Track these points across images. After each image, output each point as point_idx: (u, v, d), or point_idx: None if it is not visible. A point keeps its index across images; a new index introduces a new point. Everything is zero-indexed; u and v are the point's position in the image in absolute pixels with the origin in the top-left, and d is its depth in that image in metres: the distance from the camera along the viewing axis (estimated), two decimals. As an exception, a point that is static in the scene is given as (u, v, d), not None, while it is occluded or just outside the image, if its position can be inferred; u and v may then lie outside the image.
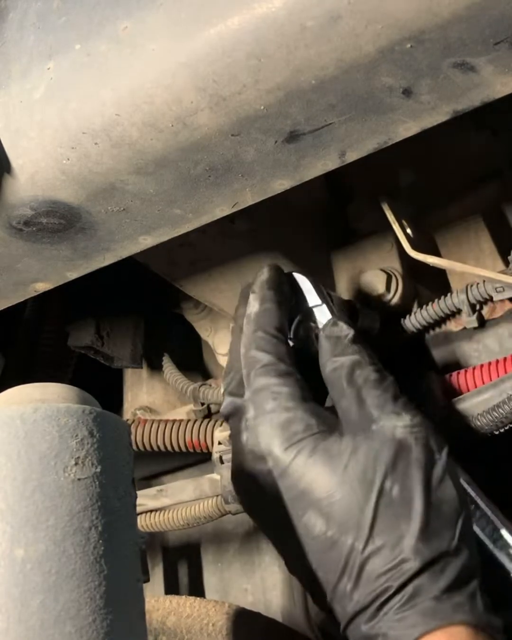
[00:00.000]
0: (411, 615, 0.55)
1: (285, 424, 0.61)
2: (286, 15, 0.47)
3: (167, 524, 0.88)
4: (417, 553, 0.56)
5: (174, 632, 0.73)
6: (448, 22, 0.46)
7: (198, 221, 0.61)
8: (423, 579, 0.56)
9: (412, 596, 0.56)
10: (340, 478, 0.58)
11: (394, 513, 0.58)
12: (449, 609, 0.55)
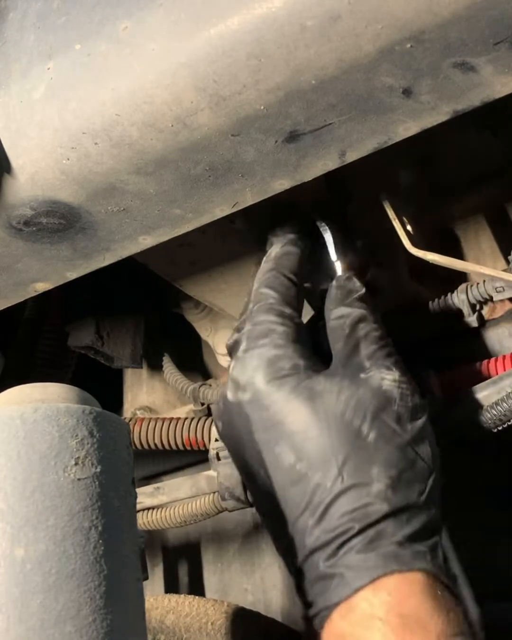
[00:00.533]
0: (371, 557, 0.55)
1: (272, 359, 0.62)
2: (286, 15, 0.47)
3: (164, 522, 0.88)
4: (385, 499, 0.57)
5: (173, 631, 0.72)
6: (448, 22, 0.46)
7: (198, 221, 0.61)
8: (387, 525, 0.56)
9: (374, 539, 0.56)
10: (318, 416, 0.59)
11: (368, 458, 0.58)
12: (409, 555, 0.55)
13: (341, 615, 0.56)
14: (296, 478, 0.59)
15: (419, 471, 0.59)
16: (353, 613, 0.55)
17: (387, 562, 0.55)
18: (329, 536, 0.57)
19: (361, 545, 0.56)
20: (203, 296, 0.90)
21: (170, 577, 1.15)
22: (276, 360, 0.62)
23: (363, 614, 0.54)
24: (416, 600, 0.54)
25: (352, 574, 0.56)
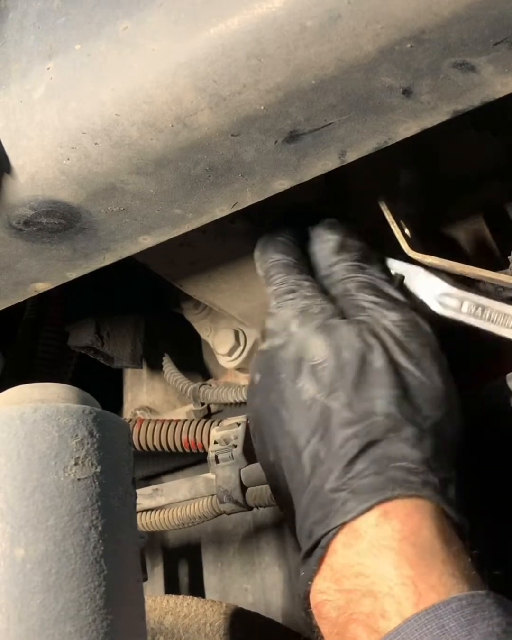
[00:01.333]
0: (379, 479, 0.55)
1: (304, 308, 0.66)
2: (286, 15, 0.47)
3: (162, 524, 0.88)
4: (388, 415, 0.58)
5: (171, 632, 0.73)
6: (448, 22, 0.46)
7: (198, 221, 0.61)
8: (395, 446, 0.56)
9: (382, 462, 0.56)
10: (335, 349, 0.62)
11: (374, 382, 0.60)
12: (419, 482, 0.55)
13: (345, 544, 0.54)
14: (314, 408, 0.60)
15: (430, 399, 0.60)
16: (361, 540, 0.53)
17: (396, 485, 0.54)
18: (335, 458, 0.57)
19: (368, 470, 0.55)
20: (203, 296, 0.90)
21: (170, 577, 1.15)
22: (306, 308, 0.66)
23: (372, 542, 0.53)
24: (427, 531, 0.53)
25: (357, 496, 0.54)
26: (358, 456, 0.56)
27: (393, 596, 0.50)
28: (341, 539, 0.54)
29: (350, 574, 0.53)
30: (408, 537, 0.52)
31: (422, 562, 0.51)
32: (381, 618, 0.50)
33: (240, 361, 0.98)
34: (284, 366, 0.64)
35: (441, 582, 0.50)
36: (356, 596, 0.52)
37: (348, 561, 0.53)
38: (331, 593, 0.54)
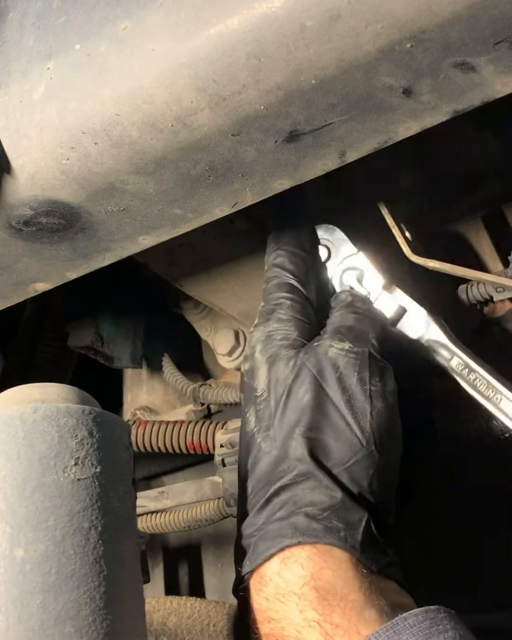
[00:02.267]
0: (283, 526, 0.56)
1: (270, 333, 0.66)
2: (286, 15, 0.47)
3: (168, 526, 0.88)
4: (300, 460, 0.58)
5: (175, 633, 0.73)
6: (448, 22, 0.46)
7: (198, 221, 0.61)
8: (304, 493, 0.57)
9: (290, 508, 0.56)
10: (273, 382, 0.63)
11: (296, 419, 0.60)
12: (321, 528, 0.55)
13: (256, 589, 0.56)
14: (250, 442, 0.62)
15: (346, 442, 0.59)
16: (267, 587, 0.55)
17: (296, 532, 0.55)
18: (253, 499, 0.58)
19: (275, 516, 0.56)
20: (203, 296, 0.90)
21: (170, 577, 1.15)
22: (272, 334, 0.66)
23: (278, 588, 0.54)
24: (330, 573, 0.54)
25: (264, 542, 0.56)
26: (270, 500, 0.58)
27: (302, 639, 0.52)
28: (253, 585, 0.57)
29: (263, 619, 0.55)
30: (309, 581, 0.54)
31: (324, 603, 0.52)
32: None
33: (240, 361, 0.98)
34: (247, 392, 0.66)
35: (345, 619, 0.52)
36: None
37: (260, 606, 0.55)
38: (253, 638, 0.56)
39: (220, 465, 0.78)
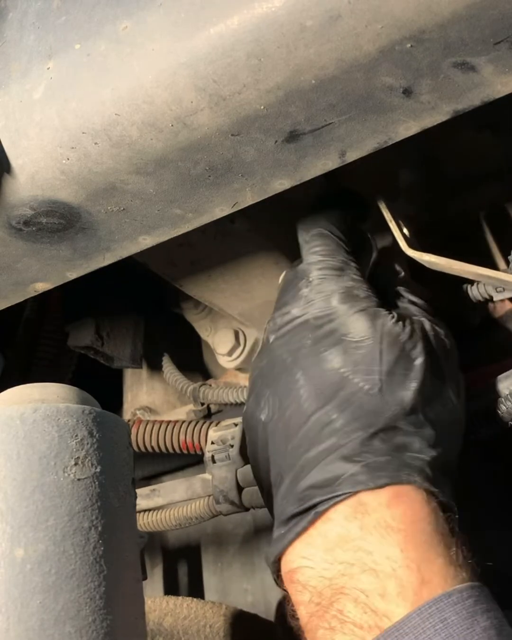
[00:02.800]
0: (396, 461, 0.55)
1: (350, 288, 0.65)
2: (286, 15, 0.47)
3: (158, 524, 0.88)
4: (414, 410, 0.58)
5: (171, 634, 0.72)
6: (448, 22, 0.46)
7: (198, 221, 0.61)
8: (413, 439, 0.57)
9: (400, 449, 0.56)
10: (376, 332, 0.62)
11: (410, 376, 0.60)
12: (435, 478, 0.56)
13: (348, 515, 0.54)
14: (336, 380, 0.60)
15: (449, 408, 0.61)
16: (367, 516, 0.53)
17: (413, 472, 0.55)
18: (353, 430, 0.57)
19: (385, 450, 0.56)
20: (203, 296, 0.90)
21: (170, 577, 1.15)
22: (352, 289, 0.65)
23: (380, 520, 0.53)
24: (434, 521, 0.53)
25: (372, 471, 0.54)
26: (377, 434, 0.57)
27: (397, 578, 0.50)
28: (343, 510, 0.54)
29: (348, 547, 0.52)
30: (417, 522, 0.53)
31: (428, 548, 0.51)
32: (380, 598, 0.50)
33: (240, 361, 0.98)
34: (314, 334, 0.63)
35: (444, 570, 0.51)
36: (354, 570, 0.51)
37: (348, 533, 0.53)
38: (317, 561, 0.54)
39: (210, 462, 0.78)
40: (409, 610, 0.48)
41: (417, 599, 0.49)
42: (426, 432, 0.58)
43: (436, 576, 0.50)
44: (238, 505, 0.77)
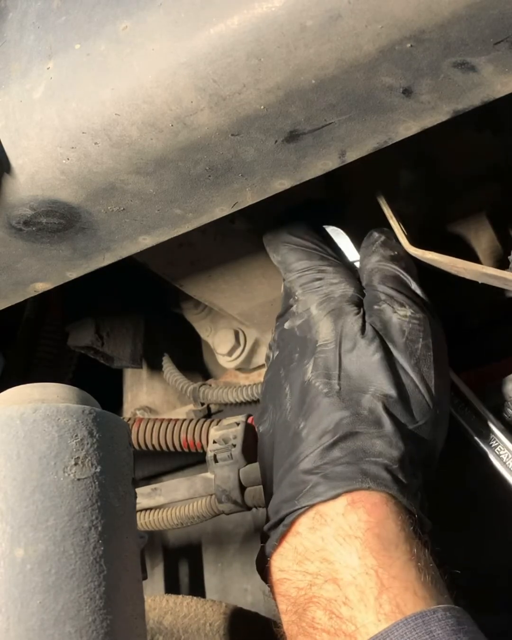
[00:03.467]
0: (352, 469, 0.55)
1: (328, 293, 0.67)
2: (286, 15, 0.47)
3: (160, 523, 0.88)
4: (372, 412, 0.58)
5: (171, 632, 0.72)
6: (448, 22, 0.46)
7: (198, 221, 0.61)
8: (374, 443, 0.57)
9: (359, 455, 0.56)
10: (338, 334, 0.63)
11: (370, 375, 0.60)
12: (390, 479, 0.56)
13: (310, 527, 0.55)
14: (306, 388, 0.61)
15: (417, 403, 0.61)
16: (326, 526, 0.54)
17: (367, 478, 0.55)
18: (314, 440, 0.58)
19: (343, 459, 0.56)
20: (203, 296, 0.90)
21: (170, 577, 1.15)
22: (329, 293, 0.67)
23: (338, 529, 0.54)
24: (392, 524, 0.54)
25: (328, 482, 0.55)
26: (336, 444, 0.57)
27: (357, 585, 0.51)
28: (306, 522, 0.55)
29: (314, 558, 0.54)
30: (373, 528, 0.53)
31: (385, 553, 0.52)
32: (343, 605, 0.51)
33: (240, 361, 0.98)
34: (299, 345, 0.65)
35: (404, 573, 0.51)
36: (319, 580, 0.53)
37: (313, 545, 0.54)
38: (291, 573, 0.55)
39: (212, 461, 0.78)
40: (371, 616, 0.49)
41: (377, 604, 0.50)
42: (387, 431, 0.58)
43: (396, 580, 0.51)
44: (240, 505, 0.78)
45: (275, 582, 0.57)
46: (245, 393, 0.92)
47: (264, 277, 0.87)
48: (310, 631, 0.52)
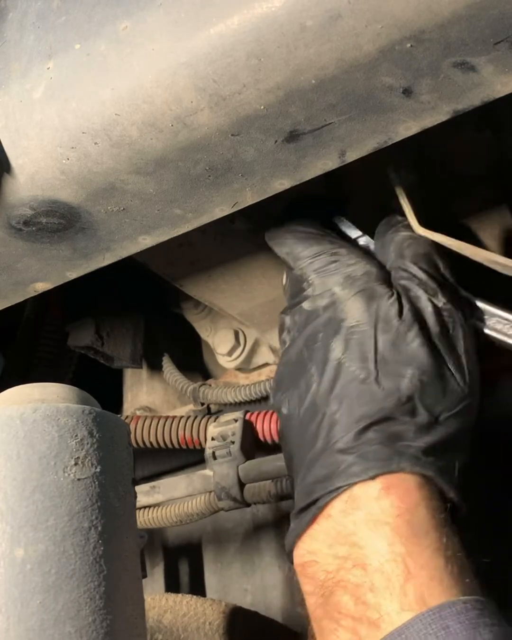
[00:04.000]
0: (387, 450, 0.55)
1: (349, 272, 0.65)
2: (286, 15, 0.47)
3: (159, 521, 0.88)
4: (408, 398, 0.58)
5: (170, 631, 0.72)
6: (448, 22, 0.46)
7: (198, 221, 0.61)
8: (408, 427, 0.57)
9: (394, 438, 0.56)
10: (373, 316, 0.62)
11: (405, 360, 0.60)
12: (426, 462, 0.56)
13: (342, 511, 0.55)
14: (337, 369, 0.60)
15: (451, 390, 0.60)
16: (359, 511, 0.54)
17: (402, 459, 0.55)
18: (349, 422, 0.57)
19: (378, 440, 0.56)
20: (203, 296, 0.90)
21: (170, 576, 1.15)
22: (350, 273, 0.65)
23: (370, 514, 0.53)
24: (424, 510, 0.54)
25: (364, 462, 0.55)
26: (371, 426, 0.57)
27: (383, 572, 0.51)
28: (339, 505, 0.55)
29: (345, 542, 0.54)
30: (404, 514, 0.53)
31: (415, 541, 0.52)
32: (369, 591, 0.51)
33: (241, 361, 0.98)
34: (323, 325, 0.64)
35: (432, 562, 0.51)
36: (348, 565, 0.53)
37: (344, 529, 0.54)
38: (321, 556, 0.55)
39: (211, 458, 0.78)
40: (395, 605, 0.49)
41: (402, 592, 0.50)
42: (421, 418, 0.58)
43: (423, 569, 0.51)
44: (240, 502, 0.78)
45: (303, 564, 0.56)
46: (245, 393, 0.92)
47: (264, 277, 0.87)
48: (335, 615, 0.52)
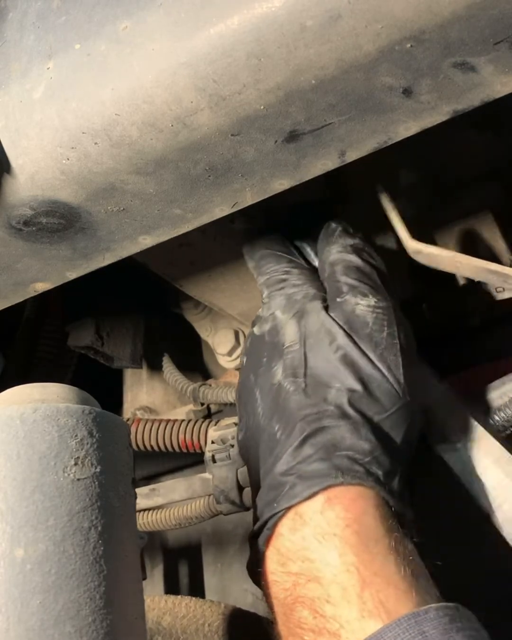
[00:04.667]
0: (324, 466, 0.55)
1: (290, 296, 0.68)
2: (286, 15, 0.47)
3: (158, 524, 0.88)
4: (339, 406, 0.58)
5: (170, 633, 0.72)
6: (448, 22, 0.46)
7: (198, 221, 0.61)
8: (344, 437, 0.57)
9: (330, 450, 0.56)
10: (303, 334, 0.64)
11: (334, 371, 0.60)
12: (363, 471, 0.56)
13: (291, 528, 0.55)
14: (277, 392, 0.62)
15: (385, 393, 0.60)
16: (306, 526, 0.54)
17: (339, 473, 0.55)
18: (286, 441, 0.58)
19: (315, 456, 0.56)
20: (203, 296, 0.90)
21: (170, 578, 1.15)
22: (292, 296, 0.68)
23: (317, 528, 0.54)
24: (371, 518, 0.54)
25: (304, 481, 0.55)
26: (306, 440, 0.57)
27: (338, 583, 0.51)
28: (287, 523, 0.56)
29: (296, 558, 0.54)
30: (351, 524, 0.53)
31: (365, 549, 0.52)
32: (326, 603, 0.51)
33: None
34: (267, 350, 0.66)
35: (385, 568, 0.51)
36: (302, 580, 0.53)
37: (294, 545, 0.54)
38: (278, 575, 0.55)
39: (210, 461, 0.78)
40: (355, 613, 0.50)
41: (360, 601, 0.50)
42: (355, 424, 0.58)
43: (377, 576, 0.51)
44: (239, 505, 0.78)
45: (266, 585, 0.57)
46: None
47: (264, 277, 0.87)
48: (297, 631, 0.52)
